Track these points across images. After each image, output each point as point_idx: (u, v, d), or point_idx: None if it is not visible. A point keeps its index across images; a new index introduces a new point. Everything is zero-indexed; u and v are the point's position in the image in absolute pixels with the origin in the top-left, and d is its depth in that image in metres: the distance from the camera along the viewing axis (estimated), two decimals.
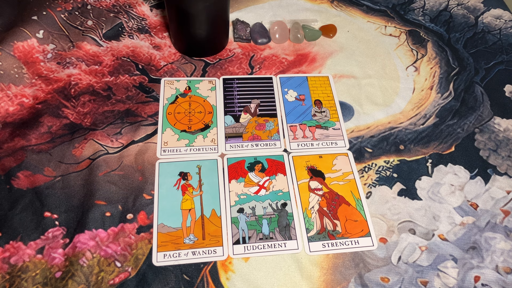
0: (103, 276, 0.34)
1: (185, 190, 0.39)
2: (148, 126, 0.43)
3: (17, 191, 0.38)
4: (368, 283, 0.35)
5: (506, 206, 0.40)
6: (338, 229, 0.38)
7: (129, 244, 0.36)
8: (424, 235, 0.38)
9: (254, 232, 0.37)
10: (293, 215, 0.38)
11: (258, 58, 0.50)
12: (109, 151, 0.41)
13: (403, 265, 0.36)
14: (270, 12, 0.55)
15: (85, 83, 0.46)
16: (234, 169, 0.41)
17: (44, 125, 0.42)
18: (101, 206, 0.37)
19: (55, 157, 0.40)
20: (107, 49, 0.49)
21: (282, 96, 0.47)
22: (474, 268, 0.36)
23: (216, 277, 0.35)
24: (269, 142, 0.43)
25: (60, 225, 0.36)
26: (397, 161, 0.43)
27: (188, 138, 0.43)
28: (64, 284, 0.33)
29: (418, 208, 0.40)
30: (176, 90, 0.46)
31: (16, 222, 0.36)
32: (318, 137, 0.44)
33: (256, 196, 0.39)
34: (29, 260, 0.34)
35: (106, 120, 0.43)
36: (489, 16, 0.58)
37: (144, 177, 0.40)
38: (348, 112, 0.47)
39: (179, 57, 0.49)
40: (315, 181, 0.41)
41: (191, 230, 0.37)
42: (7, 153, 0.40)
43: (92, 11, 0.52)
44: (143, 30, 0.51)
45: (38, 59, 0.47)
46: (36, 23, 0.49)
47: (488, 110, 0.48)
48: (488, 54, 0.53)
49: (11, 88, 0.44)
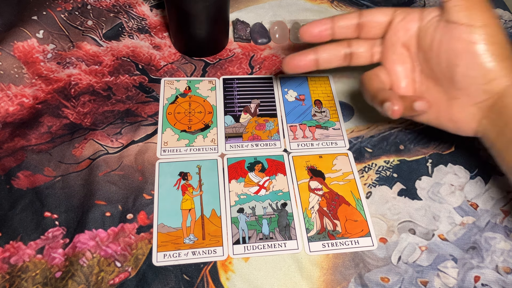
0: (103, 276, 0.34)
1: (185, 190, 0.39)
2: (148, 126, 0.43)
3: (17, 191, 0.38)
4: (368, 283, 0.35)
5: (506, 206, 0.40)
6: (338, 229, 0.38)
7: (129, 244, 0.36)
8: (424, 235, 0.38)
9: (254, 232, 0.37)
10: (293, 215, 0.38)
11: (258, 58, 0.50)
12: (109, 151, 0.41)
13: (403, 265, 0.36)
14: (270, 12, 0.55)
15: (85, 83, 0.46)
16: (234, 169, 0.41)
17: (44, 125, 0.42)
18: (101, 206, 0.37)
19: (55, 157, 0.40)
20: (107, 49, 0.49)
21: (282, 96, 0.47)
22: (474, 268, 0.36)
23: (216, 277, 0.35)
24: (269, 142, 0.43)
25: (60, 225, 0.36)
26: (397, 161, 0.43)
27: (188, 138, 0.43)
28: (64, 284, 0.33)
29: (418, 208, 0.40)
30: (176, 90, 0.46)
31: (16, 222, 0.36)
32: (318, 137, 0.44)
33: (256, 196, 0.39)
34: (29, 260, 0.34)
35: (106, 120, 0.43)
36: None
37: (144, 177, 0.40)
38: (348, 112, 0.47)
39: (179, 57, 0.49)
40: (315, 181, 0.41)
41: (191, 230, 0.37)
42: (7, 153, 0.40)
43: (92, 11, 0.52)
44: (143, 30, 0.51)
45: (38, 59, 0.47)
46: (36, 23, 0.49)
47: None
48: None
49: (11, 88, 0.44)
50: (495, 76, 0.30)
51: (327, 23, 0.35)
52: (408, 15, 0.34)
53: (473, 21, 0.30)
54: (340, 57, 0.37)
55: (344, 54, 0.37)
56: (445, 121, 0.34)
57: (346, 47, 0.37)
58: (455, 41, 0.31)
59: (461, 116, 0.33)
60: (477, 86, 0.31)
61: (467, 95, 0.31)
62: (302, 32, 0.36)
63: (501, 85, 0.30)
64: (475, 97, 0.31)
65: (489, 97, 0.31)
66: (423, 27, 0.33)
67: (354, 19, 0.35)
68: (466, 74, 0.31)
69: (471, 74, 0.31)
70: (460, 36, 0.30)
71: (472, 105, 0.32)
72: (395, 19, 0.34)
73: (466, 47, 0.30)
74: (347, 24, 0.35)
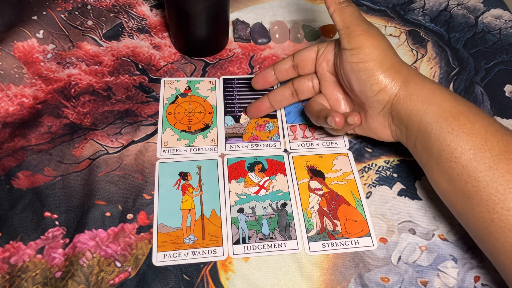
0: (103, 276, 0.34)
1: (185, 190, 0.39)
2: (148, 126, 0.43)
3: (17, 191, 0.38)
4: (368, 283, 0.35)
5: None
6: (338, 229, 0.38)
7: (129, 244, 0.36)
8: (424, 235, 0.38)
9: (254, 232, 0.37)
10: (293, 215, 0.38)
11: (258, 58, 0.50)
12: (109, 151, 0.41)
13: (403, 265, 0.36)
14: (270, 12, 0.55)
15: (85, 83, 0.46)
16: (234, 169, 0.41)
17: (44, 125, 0.42)
18: (101, 206, 0.37)
19: (55, 157, 0.40)
20: (107, 49, 0.49)
21: None
22: (474, 268, 0.36)
23: (216, 277, 0.35)
24: (269, 142, 0.43)
25: (60, 225, 0.36)
26: (397, 161, 0.43)
27: (188, 138, 0.43)
28: (64, 284, 0.33)
29: (418, 208, 0.40)
30: (176, 90, 0.46)
31: (16, 222, 0.36)
32: (318, 137, 0.44)
33: (256, 196, 0.39)
34: (29, 260, 0.34)
35: (106, 120, 0.43)
36: (489, 16, 0.58)
37: (144, 177, 0.40)
38: None
39: (179, 57, 0.49)
40: (315, 181, 0.41)
41: (191, 230, 0.37)
42: (7, 153, 0.40)
43: (92, 11, 0.52)
44: (143, 30, 0.51)
45: (38, 59, 0.47)
46: (36, 23, 0.49)
47: (488, 110, 0.48)
48: (488, 54, 0.53)
49: (11, 88, 0.44)
50: (381, 87, 0.34)
51: (270, 71, 0.42)
52: (327, 47, 0.39)
53: (352, 45, 0.35)
54: (288, 96, 0.43)
55: (290, 93, 0.42)
56: (368, 131, 0.39)
57: (290, 86, 0.42)
58: (344, 64, 0.36)
59: (375, 125, 0.37)
60: (371, 98, 0.35)
61: (370, 107, 0.36)
62: (253, 83, 0.43)
63: (390, 93, 0.34)
64: (375, 108, 0.36)
65: (384, 106, 0.35)
66: (335, 56, 0.39)
67: (289, 62, 0.41)
68: (359, 90, 0.36)
69: (362, 89, 0.36)
70: (346, 59, 0.36)
71: (377, 115, 0.36)
72: (319, 53, 0.40)
73: (351, 67, 0.35)
74: (285, 68, 0.42)
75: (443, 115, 0.32)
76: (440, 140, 0.32)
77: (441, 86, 0.34)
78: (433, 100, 0.33)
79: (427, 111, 0.33)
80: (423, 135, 0.33)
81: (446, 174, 0.32)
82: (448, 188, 0.32)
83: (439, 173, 0.33)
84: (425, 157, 0.34)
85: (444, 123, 0.32)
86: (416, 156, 0.36)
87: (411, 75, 0.35)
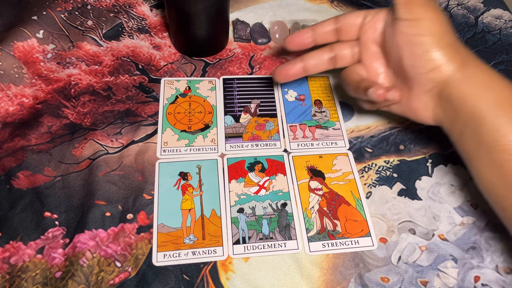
0: (103, 276, 0.34)
1: (185, 190, 0.39)
2: (148, 126, 0.43)
3: (17, 191, 0.38)
4: (368, 283, 0.35)
5: None
6: (338, 229, 0.38)
7: (129, 244, 0.36)
8: (424, 235, 0.38)
9: (254, 232, 0.37)
10: (293, 215, 0.38)
11: (258, 58, 0.50)
12: (109, 151, 0.41)
13: (403, 265, 0.36)
14: (270, 12, 0.55)
15: (85, 83, 0.46)
16: (234, 169, 0.41)
17: (44, 125, 0.42)
18: (101, 206, 0.37)
19: (55, 157, 0.40)
20: (107, 49, 0.49)
21: (282, 96, 0.47)
22: (474, 268, 0.36)
23: (216, 277, 0.35)
24: (269, 142, 0.43)
25: (60, 225, 0.36)
26: (397, 161, 0.43)
27: (188, 138, 0.43)
28: (64, 284, 0.33)
29: (418, 208, 0.40)
30: (176, 90, 0.46)
31: (16, 222, 0.36)
32: (318, 137, 0.44)
33: (256, 196, 0.39)
34: (29, 260, 0.34)
35: (106, 120, 0.43)
36: (489, 16, 0.58)
37: (144, 177, 0.40)
38: (348, 112, 0.47)
39: (179, 57, 0.49)
40: (315, 181, 0.41)
41: (191, 230, 0.37)
42: (7, 153, 0.40)
43: (92, 11, 0.52)
44: (143, 30, 0.51)
45: (38, 59, 0.47)
46: (36, 23, 0.49)
47: None
48: (488, 54, 0.53)
49: (11, 88, 0.44)
50: (436, 64, 0.32)
51: (308, 31, 0.39)
52: (376, 15, 0.37)
53: (410, 15, 0.32)
54: (325, 62, 0.40)
55: (328, 58, 0.39)
56: (407, 110, 0.36)
57: (329, 51, 0.39)
58: (398, 35, 0.33)
59: (418, 105, 0.35)
60: (422, 76, 0.33)
61: (417, 84, 0.34)
62: (287, 43, 0.39)
63: (444, 72, 0.32)
64: (424, 86, 0.34)
65: (435, 86, 0.33)
66: (385, 25, 0.36)
67: (331, 25, 0.38)
68: (411, 64, 0.33)
69: (414, 64, 0.33)
70: (401, 30, 0.33)
71: (423, 94, 0.34)
72: (365, 20, 0.37)
73: (406, 39, 0.33)
74: (326, 30, 0.39)
75: (500, 103, 0.30)
76: (494, 129, 0.29)
77: (499, 74, 0.32)
78: (491, 87, 0.31)
79: (484, 97, 0.30)
80: (475, 122, 0.31)
81: (497, 167, 0.30)
82: (497, 182, 0.30)
83: (488, 165, 0.30)
84: (472, 146, 0.31)
85: (502, 111, 0.30)
86: (460, 144, 0.33)
87: (469, 58, 0.33)
